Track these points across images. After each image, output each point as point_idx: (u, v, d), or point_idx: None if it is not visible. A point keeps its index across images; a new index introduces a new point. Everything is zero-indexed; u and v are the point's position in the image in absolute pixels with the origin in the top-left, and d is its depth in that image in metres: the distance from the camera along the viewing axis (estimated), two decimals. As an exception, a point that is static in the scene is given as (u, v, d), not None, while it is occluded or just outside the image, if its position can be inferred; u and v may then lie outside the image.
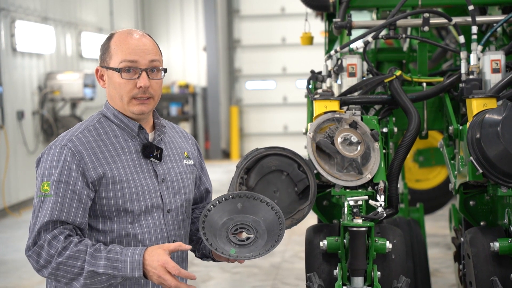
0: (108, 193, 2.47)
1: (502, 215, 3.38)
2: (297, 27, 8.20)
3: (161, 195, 2.57)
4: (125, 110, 2.55)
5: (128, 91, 2.50)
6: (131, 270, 2.34)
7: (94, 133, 2.53)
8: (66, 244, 2.37)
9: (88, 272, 2.35)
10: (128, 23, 15.27)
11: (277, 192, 3.03)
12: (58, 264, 2.36)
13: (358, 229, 2.85)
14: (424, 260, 5.03)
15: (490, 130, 3.01)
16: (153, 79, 2.52)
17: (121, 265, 2.35)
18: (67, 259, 2.36)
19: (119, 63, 2.49)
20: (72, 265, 2.36)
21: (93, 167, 2.46)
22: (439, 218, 8.66)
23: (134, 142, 2.56)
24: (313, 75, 3.91)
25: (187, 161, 2.71)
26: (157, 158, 2.57)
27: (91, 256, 2.36)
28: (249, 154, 3.02)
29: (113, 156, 2.50)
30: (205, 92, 16.28)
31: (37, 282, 6.89)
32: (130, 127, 2.56)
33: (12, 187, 10.42)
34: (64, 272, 2.37)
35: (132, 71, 2.50)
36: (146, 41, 2.53)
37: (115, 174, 2.48)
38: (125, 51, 2.49)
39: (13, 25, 10.52)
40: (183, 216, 2.65)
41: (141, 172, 2.53)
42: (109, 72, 2.53)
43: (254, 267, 7.18)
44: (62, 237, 2.38)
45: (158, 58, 2.54)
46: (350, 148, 3.14)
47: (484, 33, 4.32)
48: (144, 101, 2.52)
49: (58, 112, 11.72)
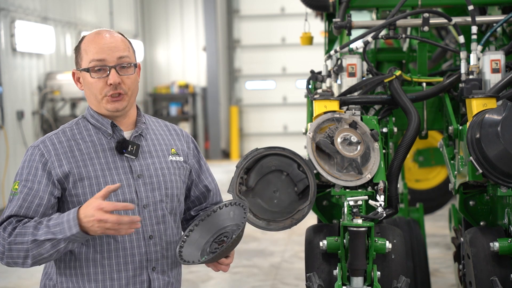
0: (76, 190, 2.53)
1: (502, 215, 3.38)
2: (297, 27, 8.21)
3: (136, 190, 2.58)
4: (100, 109, 2.60)
5: (100, 90, 2.56)
6: (68, 228, 2.36)
7: (69, 133, 2.61)
8: (16, 225, 2.44)
9: (31, 242, 2.39)
10: (128, 23, 15.27)
11: (277, 192, 3.03)
12: (9, 244, 2.42)
13: (358, 229, 2.85)
14: (424, 260, 5.03)
15: (490, 130, 3.01)
16: (124, 75, 2.56)
17: (59, 228, 2.37)
18: (15, 237, 2.41)
19: (88, 63, 2.55)
20: (21, 242, 2.41)
21: (59, 165, 2.53)
22: (439, 218, 8.66)
23: (109, 140, 2.61)
24: (313, 75, 3.91)
25: (174, 157, 2.72)
26: (132, 153, 2.61)
27: (34, 227, 2.41)
28: (249, 154, 3.02)
29: (83, 155, 2.56)
30: (205, 92, 16.28)
31: (37, 282, 6.89)
32: (105, 125, 2.61)
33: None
34: (16, 251, 2.42)
35: (102, 70, 2.55)
36: (114, 39, 2.58)
37: (83, 171, 2.53)
38: (93, 50, 2.55)
39: (13, 25, 10.52)
40: (164, 212, 2.65)
41: (114, 168, 2.57)
42: (82, 74, 2.59)
43: (254, 267, 7.18)
44: (15, 221, 2.46)
45: (127, 54, 2.58)
46: (350, 148, 3.14)
47: (484, 33, 4.32)
48: (116, 98, 2.57)
49: (58, 112, 11.72)
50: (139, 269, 2.58)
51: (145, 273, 2.59)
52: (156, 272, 2.61)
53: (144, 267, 2.58)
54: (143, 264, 2.58)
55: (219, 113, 16.13)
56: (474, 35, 3.60)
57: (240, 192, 2.98)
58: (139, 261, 2.57)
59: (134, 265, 2.56)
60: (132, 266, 2.56)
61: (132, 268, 2.56)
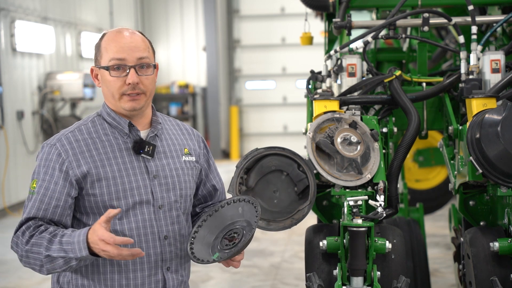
0: (94, 190, 2.52)
1: (502, 215, 3.38)
2: (297, 27, 8.21)
3: (152, 191, 2.59)
4: (117, 107, 2.60)
5: (118, 88, 2.56)
6: (79, 250, 2.38)
7: (85, 131, 2.60)
8: (34, 233, 2.46)
9: (45, 257, 2.42)
10: (127, 23, 15.27)
11: (277, 192, 3.03)
12: (26, 252, 2.46)
13: (358, 229, 2.85)
14: (424, 260, 5.03)
15: (489, 130, 3.02)
16: (143, 75, 2.57)
17: (70, 247, 2.39)
18: (31, 246, 2.44)
19: (108, 61, 2.55)
20: (37, 252, 2.43)
21: (78, 165, 2.52)
22: (439, 218, 8.66)
23: (125, 139, 2.61)
24: (313, 75, 3.91)
25: (187, 157, 2.73)
26: (148, 154, 2.61)
27: (48, 241, 2.42)
28: (249, 154, 3.02)
29: (100, 154, 2.56)
30: (205, 92, 16.28)
31: (37, 282, 6.89)
32: (122, 125, 2.61)
33: (12, 187, 10.42)
34: (33, 259, 2.45)
35: (121, 68, 2.55)
36: (135, 39, 2.58)
37: (101, 172, 2.53)
38: (114, 49, 2.55)
39: (13, 25, 10.52)
40: (178, 212, 2.66)
41: (130, 168, 2.57)
42: (101, 71, 2.59)
43: (254, 267, 7.18)
44: (33, 227, 2.47)
45: (146, 55, 2.58)
46: (349, 148, 3.14)
47: (484, 33, 4.32)
48: (134, 97, 2.57)
49: (58, 112, 11.72)
50: (154, 269, 2.59)
51: (160, 272, 2.61)
52: (171, 272, 2.63)
53: (159, 267, 2.60)
54: (158, 264, 2.60)
55: (219, 113, 16.12)
56: (474, 35, 3.60)
57: (240, 192, 2.98)
58: (154, 261, 2.59)
59: (149, 264, 2.58)
60: (148, 266, 2.58)
61: (147, 268, 2.58)
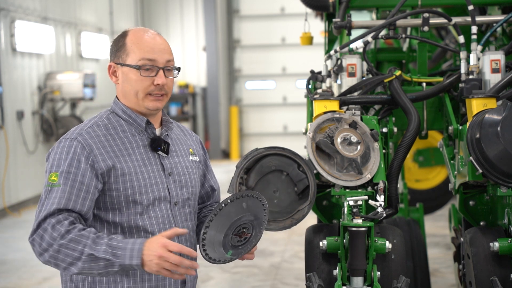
0: (117, 185, 2.54)
1: (502, 215, 3.38)
2: (297, 27, 8.21)
3: (168, 188, 2.63)
4: (139, 106, 2.63)
5: (145, 88, 2.59)
6: (129, 257, 2.37)
7: (103, 127, 2.61)
8: (69, 229, 2.41)
9: (87, 255, 2.38)
10: (127, 23, 15.27)
11: (277, 192, 3.03)
12: (59, 247, 2.39)
13: (358, 229, 2.85)
14: (424, 260, 5.03)
15: (489, 130, 3.02)
16: (168, 77, 2.63)
17: (120, 252, 2.37)
18: (69, 242, 2.39)
19: (138, 61, 2.58)
20: (73, 249, 2.39)
21: (103, 159, 2.53)
22: (439, 218, 8.66)
23: (141, 137, 2.65)
24: (313, 75, 3.91)
25: (193, 157, 2.79)
26: (164, 151, 2.65)
27: (93, 241, 2.39)
28: (249, 154, 3.03)
29: (121, 150, 2.58)
30: (204, 92, 16.28)
31: (37, 282, 6.89)
32: (138, 122, 2.64)
33: (12, 187, 10.42)
34: (64, 255, 2.40)
35: (150, 69, 2.59)
36: (161, 40, 2.64)
37: (124, 167, 2.55)
38: (144, 49, 2.58)
39: (13, 25, 10.52)
40: (190, 209, 2.71)
41: (149, 165, 2.61)
42: (125, 69, 2.60)
43: (254, 267, 7.18)
44: (67, 222, 2.42)
45: (172, 58, 2.66)
46: (349, 148, 3.14)
47: (484, 33, 4.32)
48: (159, 98, 2.62)
49: (58, 112, 11.72)
50: None
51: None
52: None
53: None
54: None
55: (219, 113, 16.12)
56: (474, 35, 3.60)
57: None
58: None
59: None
60: None
61: None
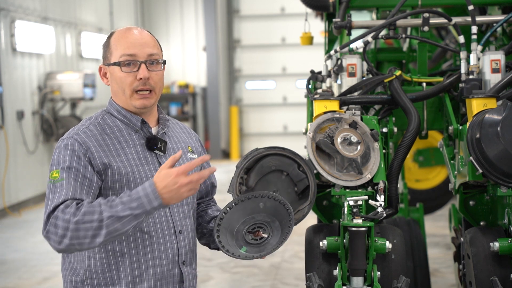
0: (114, 184, 2.55)
1: (502, 215, 3.38)
2: (297, 27, 8.20)
3: None
4: (128, 105, 2.63)
5: (129, 84, 2.59)
6: (148, 202, 2.35)
7: (99, 128, 2.62)
8: (79, 206, 2.38)
9: (108, 218, 2.34)
10: (127, 23, 15.27)
11: (277, 192, 3.02)
12: (76, 224, 2.35)
13: (358, 229, 2.85)
14: (424, 260, 5.03)
15: (490, 130, 3.02)
16: (153, 71, 2.60)
17: (137, 203, 2.35)
18: (83, 215, 2.35)
19: (119, 58, 2.59)
20: (89, 220, 2.34)
21: (99, 156, 2.53)
22: (439, 218, 8.66)
23: (137, 136, 2.65)
24: (313, 75, 3.91)
25: (191, 155, 2.79)
26: (161, 150, 2.65)
27: (106, 205, 2.36)
28: (249, 154, 3.02)
29: (117, 149, 2.58)
30: (205, 92, 16.28)
31: (37, 282, 6.89)
32: (133, 122, 2.64)
33: (12, 187, 10.41)
34: (84, 230, 2.35)
35: (132, 64, 2.58)
36: (144, 35, 2.64)
37: (120, 166, 2.56)
38: (124, 45, 2.59)
39: (13, 25, 10.52)
40: (188, 207, 2.73)
41: (146, 164, 2.61)
42: (111, 68, 2.62)
43: (253, 267, 7.18)
44: (74, 203, 2.40)
45: (156, 52, 2.63)
46: (350, 148, 3.14)
47: (484, 33, 4.32)
48: (146, 95, 2.61)
49: (58, 112, 11.72)
50: (172, 263, 2.64)
51: (176, 266, 2.66)
52: (186, 266, 2.69)
53: (176, 261, 2.65)
54: (175, 258, 2.65)
55: (219, 113, 16.12)
56: (474, 35, 3.60)
57: (240, 192, 2.98)
58: (171, 256, 2.64)
59: (167, 259, 2.63)
60: (166, 261, 2.63)
61: (165, 263, 2.63)
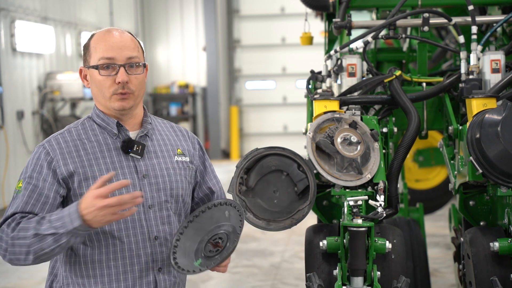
0: (81, 190, 2.52)
1: (502, 215, 3.38)
2: (297, 27, 8.20)
3: (141, 190, 2.58)
4: (107, 108, 2.61)
5: (108, 87, 2.56)
6: (70, 222, 2.34)
7: (74, 133, 2.61)
8: (20, 221, 2.43)
9: (33, 237, 2.37)
10: (127, 23, 15.27)
11: (276, 192, 3.02)
12: (12, 239, 2.40)
13: (358, 229, 2.85)
14: (424, 260, 5.02)
15: (490, 130, 3.01)
16: (132, 75, 2.57)
17: (60, 222, 2.36)
18: (18, 232, 2.40)
19: (97, 61, 2.56)
20: (23, 237, 2.38)
21: (64, 163, 2.53)
22: (439, 218, 8.66)
23: (114, 140, 2.61)
24: (313, 75, 3.91)
25: (180, 157, 2.72)
26: (137, 153, 2.61)
27: (37, 222, 2.39)
28: (249, 154, 3.02)
29: (88, 154, 2.56)
30: (204, 92, 16.28)
31: (36, 282, 6.89)
32: (110, 125, 2.61)
33: (12, 187, 10.40)
34: (19, 246, 2.39)
35: (110, 67, 2.55)
36: (124, 38, 2.60)
37: (87, 171, 2.53)
38: (103, 48, 2.56)
39: (13, 25, 10.52)
40: (168, 212, 2.64)
41: (119, 168, 2.57)
42: (90, 71, 2.59)
43: (253, 267, 7.18)
44: (18, 216, 2.45)
45: (136, 55, 2.59)
46: (350, 148, 3.14)
47: (484, 33, 4.32)
48: (123, 97, 2.57)
49: (58, 112, 11.72)
50: (145, 270, 2.57)
51: (151, 274, 2.59)
52: (162, 273, 2.61)
53: (150, 268, 2.58)
54: (149, 265, 2.58)
55: (219, 113, 16.12)
56: (474, 35, 3.60)
57: (240, 192, 2.98)
58: (145, 262, 2.57)
59: (140, 266, 2.56)
60: (138, 267, 2.56)
61: (138, 269, 2.56)
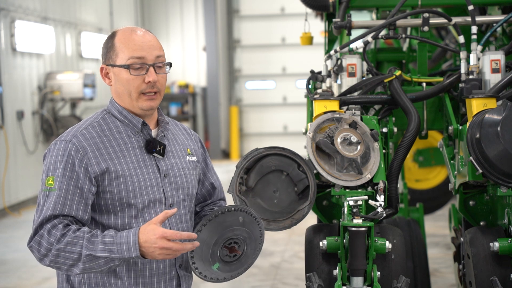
0: (112, 188, 2.54)
1: (502, 215, 3.38)
2: (297, 27, 8.21)
3: (163, 190, 2.63)
4: (133, 106, 2.61)
5: (137, 87, 2.57)
6: (127, 251, 2.40)
7: (98, 129, 2.60)
8: (64, 232, 2.44)
9: (86, 256, 2.41)
10: (127, 23, 15.26)
11: (277, 192, 3.03)
12: (57, 251, 2.43)
13: (358, 229, 2.85)
14: (424, 260, 5.02)
15: (490, 130, 3.02)
16: (160, 74, 2.60)
17: (117, 248, 2.41)
18: (65, 245, 2.42)
19: (126, 60, 2.56)
20: (70, 251, 2.42)
21: (97, 162, 2.53)
22: (439, 218, 8.66)
23: (137, 138, 2.63)
24: (313, 75, 3.91)
25: (190, 157, 2.77)
26: (160, 153, 2.64)
27: (88, 241, 2.42)
28: (249, 154, 3.02)
29: (116, 152, 2.57)
30: (204, 92, 16.28)
31: (37, 282, 6.89)
32: (134, 123, 2.62)
33: (12, 187, 10.41)
34: (63, 258, 2.43)
35: (140, 67, 2.56)
36: (150, 37, 2.62)
37: (118, 169, 2.55)
38: (132, 47, 2.56)
39: (13, 25, 10.52)
40: (185, 211, 2.71)
41: (144, 167, 2.60)
42: (116, 70, 2.59)
43: (253, 267, 7.17)
44: (61, 225, 2.45)
45: (162, 54, 2.63)
46: (349, 148, 3.14)
47: (484, 33, 4.32)
48: (152, 97, 2.60)
49: (58, 112, 11.72)
50: (169, 267, 2.64)
51: (173, 270, 2.66)
52: (182, 269, 2.69)
53: (172, 265, 2.65)
54: (172, 261, 2.65)
55: (219, 113, 16.12)
56: (474, 35, 3.60)
57: (240, 192, 2.98)
58: (169, 259, 2.62)
59: (164, 262, 2.63)
60: (163, 264, 2.63)
61: (162, 266, 2.63)
